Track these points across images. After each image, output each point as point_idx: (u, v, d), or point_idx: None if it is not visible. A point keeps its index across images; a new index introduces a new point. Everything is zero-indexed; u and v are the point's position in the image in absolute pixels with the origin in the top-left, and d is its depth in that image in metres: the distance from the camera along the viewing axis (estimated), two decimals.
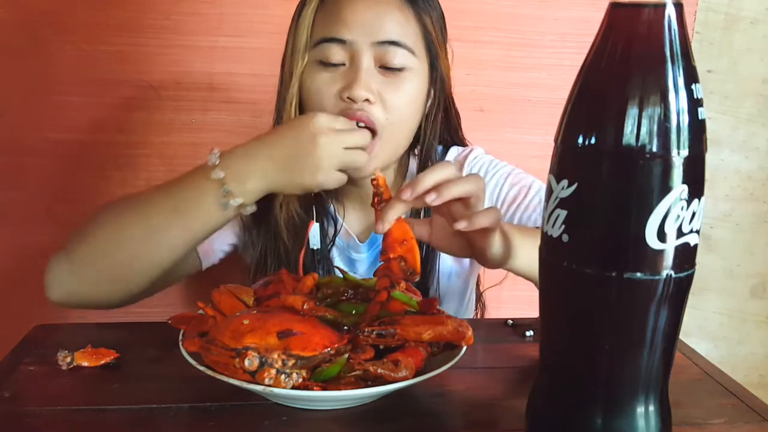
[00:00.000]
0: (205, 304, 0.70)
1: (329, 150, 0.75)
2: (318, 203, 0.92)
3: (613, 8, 0.45)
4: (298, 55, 0.85)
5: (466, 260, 0.98)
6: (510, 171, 0.96)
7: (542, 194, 0.90)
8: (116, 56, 1.16)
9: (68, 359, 0.70)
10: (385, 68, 0.84)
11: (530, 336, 0.81)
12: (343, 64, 0.84)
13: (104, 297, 0.80)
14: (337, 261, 0.95)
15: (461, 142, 1.00)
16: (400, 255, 0.67)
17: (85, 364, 0.70)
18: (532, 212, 0.90)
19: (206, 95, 1.19)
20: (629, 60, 0.44)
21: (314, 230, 0.85)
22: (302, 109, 0.88)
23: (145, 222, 0.76)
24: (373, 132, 0.83)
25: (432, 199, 0.63)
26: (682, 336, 0.52)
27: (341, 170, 0.77)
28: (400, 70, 0.84)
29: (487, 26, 1.22)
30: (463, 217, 0.64)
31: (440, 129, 0.94)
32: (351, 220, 0.96)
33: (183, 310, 0.73)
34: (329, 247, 0.94)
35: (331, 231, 0.94)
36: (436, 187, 0.64)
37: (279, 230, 0.90)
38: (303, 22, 0.85)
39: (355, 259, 0.96)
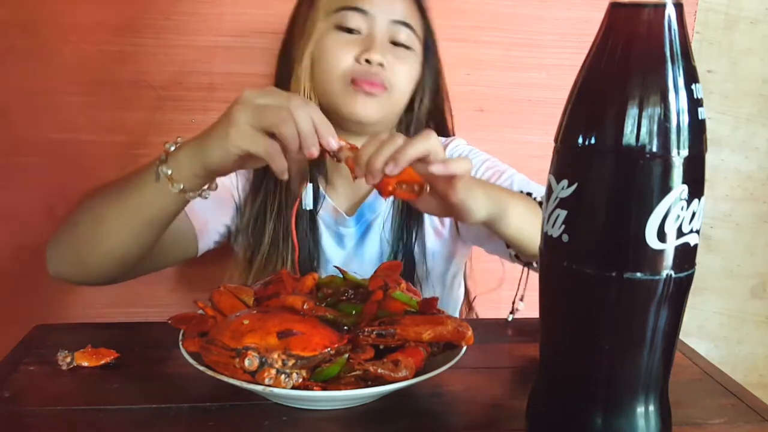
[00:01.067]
0: (205, 304, 0.70)
1: (247, 101, 0.67)
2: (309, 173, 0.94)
3: (613, 8, 0.45)
4: (318, 17, 0.92)
5: (447, 240, 1.00)
6: (487, 158, 1.01)
7: (515, 178, 0.95)
8: (116, 56, 1.16)
9: (68, 359, 0.70)
10: (394, 44, 0.93)
11: (519, 310, 0.83)
12: (359, 33, 0.92)
13: (85, 275, 0.83)
14: (326, 236, 0.98)
15: (447, 134, 1.04)
16: (398, 182, 0.66)
17: (85, 364, 0.70)
18: None
19: (206, 95, 1.19)
20: (629, 60, 0.44)
21: (308, 191, 0.90)
22: (314, 70, 0.93)
23: (100, 203, 0.78)
24: (384, 88, 0.91)
25: (390, 170, 0.63)
26: (682, 336, 0.52)
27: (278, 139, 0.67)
28: (406, 48, 0.93)
29: (487, 26, 1.22)
30: (435, 164, 0.64)
31: (429, 115, 1.00)
32: (338, 195, 1.00)
33: (183, 310, 0.73)
34: (318, 209, 0.98)
35: (318, 205, 0.98)
36: (392, 157, 0.63)
37: (275, 188, 0.94)
38: None
39: (343, 234, 0.99)
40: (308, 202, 0.90)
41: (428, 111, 1.00)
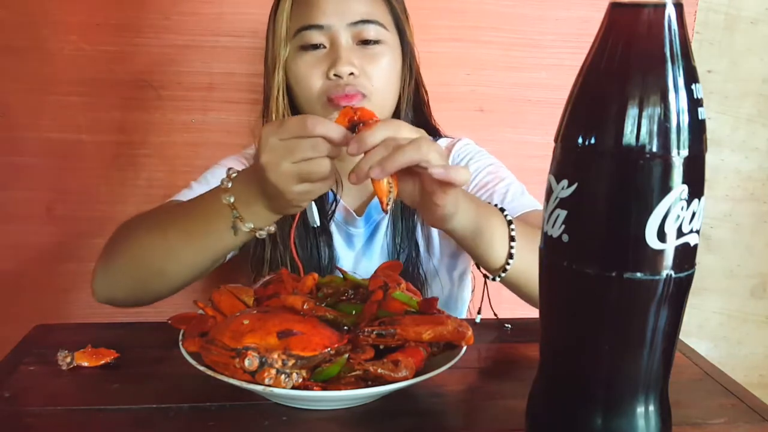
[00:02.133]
0: (205, 304, 0.70)
1: (279, 171, 0.66)
2: None
3: (613, 8, 0.45)
4: (281, 44, 0.91)
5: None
6: (492, 162, 1.00)
7: (511, 188, 0.93)
8: (116, 56, 1.16)
9: (68, 359, 0.70)
10: (363, 44, 0.90)
11: (508, 328, 0.83)
12: (324, 47, 0.90)
13: (138, 300, 0.84)
14: (336, 236, 0.98)
15: (434, 125, 1.02)
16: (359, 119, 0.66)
17: (85, 364, 0.70)
18: (496, 197, 0.94)
19: (206, 95, 1.19)
20: (629, 60, 0.44)
21: (311, 208, 0.87)
22: (290, 95, 0.93)
23: (164, 241, 0.78)
24: (362, 95, 0.89)
25: (377, 174, 0.62)
26: (682, 336, 0.52)
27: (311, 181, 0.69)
28: (376, 43, 0.91)
29: (487, 26, 1.22)
30: (436, 168, 0.62)
31: (412, 100, 0.98)
32: (347, 195, 0.99)
33: (183, 310, 0.73)
34: (329, 218, 0.97)
35: (329, 208, 0.97)
36: (379, 162, 0.62)
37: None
38: (281, 15, 0.91)
39: (352, 234, 0.99)
40: (315, 219, 0.87)
41: (412, 97, 0.98)
